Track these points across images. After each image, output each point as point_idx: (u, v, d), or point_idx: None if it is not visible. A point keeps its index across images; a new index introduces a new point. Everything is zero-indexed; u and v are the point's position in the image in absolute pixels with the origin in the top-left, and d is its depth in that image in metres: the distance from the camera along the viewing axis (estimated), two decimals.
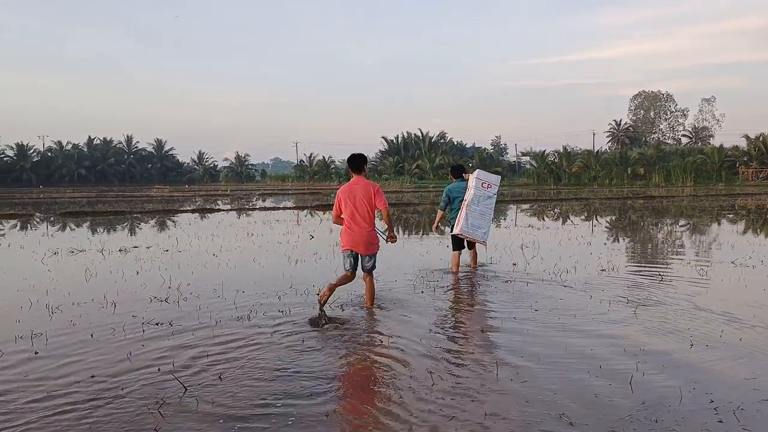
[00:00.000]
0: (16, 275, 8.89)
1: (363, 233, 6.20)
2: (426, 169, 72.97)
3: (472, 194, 8.59)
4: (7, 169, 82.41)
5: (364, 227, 6.20)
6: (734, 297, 6.86)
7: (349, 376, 4.39)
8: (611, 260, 9.68)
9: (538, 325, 5.69)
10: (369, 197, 6.19)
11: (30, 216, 22.22)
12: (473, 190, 8.61)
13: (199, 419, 3.56)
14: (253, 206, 28.70)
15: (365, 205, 6.18)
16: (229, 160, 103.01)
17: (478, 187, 8.62)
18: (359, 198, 6.18)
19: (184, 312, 6.29)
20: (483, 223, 8.57)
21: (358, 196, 6.19)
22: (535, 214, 22.43)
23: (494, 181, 8.81)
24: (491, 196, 8.68)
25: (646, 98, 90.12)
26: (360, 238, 6.21)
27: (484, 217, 8.57)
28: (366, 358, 4.80)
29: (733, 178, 58.64)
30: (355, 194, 6.20)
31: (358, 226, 6.20)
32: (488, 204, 8.63)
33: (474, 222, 8.51)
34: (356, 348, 5.06)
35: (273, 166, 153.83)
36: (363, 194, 6.19)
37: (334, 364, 4.60)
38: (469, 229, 8.53)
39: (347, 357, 4.82)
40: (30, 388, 4.09)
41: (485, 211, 8.59)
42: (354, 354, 4.90)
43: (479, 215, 8.54)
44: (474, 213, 8.52)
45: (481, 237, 8.60)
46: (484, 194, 8.60)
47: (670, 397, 3.83)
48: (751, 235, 14.21)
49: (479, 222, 8.54)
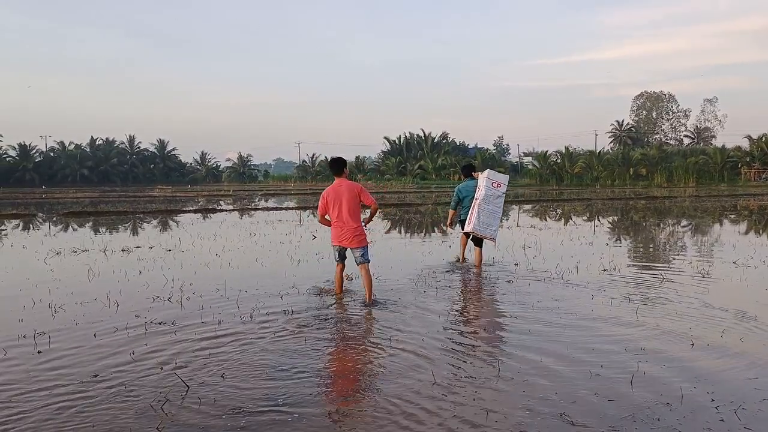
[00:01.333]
0: (19, 275, 8.92)
1: (350, 229, 6.76)
2: (428, 170, 72.94)
3: (483, 193, 8.86)
4: (10, 169, 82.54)
5: (351, 224, 6.76)
6: (736, 297, 6.86)
7: (350, 375, 4.40)
8: (613, 260, 9.68)
9: (539, 324, 5.69)
10: (355, 196, 6.79)
11: (33, 216, 22.27)
12: (484, 189, 8.88)
13: (202, 417, 3.57)
14: (256, 206, 28.73)
15: (351, 205, 6.76)
16: (232, 161, 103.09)
17: (489, 186, 8.89)
18: (345, 198, 6.75)
19: (186, 311, 6.30)
20: (493, 222, 8.90)
21: (345, 196, 6.74)
22: (537, 214, 22.42)
23: (503, 180, 9.11)
24: (501, 195, 8.98)
25: (648, 99, 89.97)
26: (347, 234, 6.77)
27: (494, 215, 8.89)
28: (367, 357, 4.81)
29: (736, 178, 58.54)
30: (341, 195, 6.75)
31: (346, 223, 6.76)
32: (498, 203, 8.95)
33: (485, 220, 8.83)
34: (357, 347, 5.07)
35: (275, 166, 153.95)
36: (349, 195, 6.76)
37: (335, 364, 4.61)
38: (481, 227, 8.85)
39: (348, 357, 4.83)
40: (33, 387, 4.11)
41: (495, 210, 8.91)
42: (354, 353, 4.91)
43: (489, 214, 8.85)
44: (485, 211, 8.83)
45: (491, 234, 8.95)
46: (494, 193, 8.90)
47: (671, 395, 3.83)
48: (753, 236, 14.20)
49: (490, 220, 8.85)
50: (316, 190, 51.58)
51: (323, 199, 6.84)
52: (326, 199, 6.81)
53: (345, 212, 6.72)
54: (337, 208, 6.76)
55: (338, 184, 6.85)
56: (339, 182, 6.87)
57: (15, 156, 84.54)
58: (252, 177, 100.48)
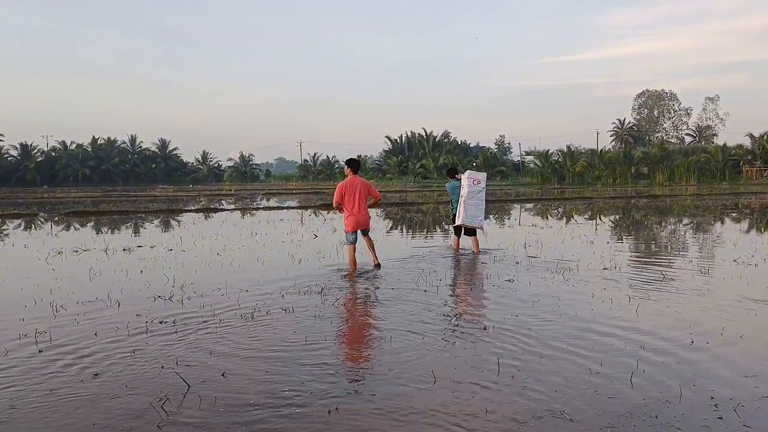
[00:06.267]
0: (21, 274, 8.94)
1: (363, 216, 8.83)
2: (430, 169, 72.90)
3: (466, 191, 10.51)
4: (12, 168, 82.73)
5: (363, 211, 8.83)
6: (736, 295, 6.86)
7: (350, 375, 4.40)
8: (614, 259, 9.69)
9: (539, 321, 5.70)
10: (366, 190, 8.90)
11: (34, 216, 22.31)
12: (467, 188, 10.52)
13: (203, 416, 3.59)
14: (257, 206, 28.75)
15: (363, 197, 8.80)
16: (233, 160, 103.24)
17: (470, 184, 10.55)
18: (359, 191, 8.77)
19: (187, 310, 6.32)
20: (479, 213, 10.59)
21: (358, 190, 8.77)
22: (539, 213, 22.41)
23: (482, 177, 10.85)
24: (481, 189, 10.66)
25: (650, 97, 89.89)
26: (360, 219, 8.82)
27: (478, 207, 10.57)
28: (366, 357, 4.82)
29: (737, 177, 58.45)
30: (355, 188, 8.76)
31: (360, 211, 8.78)
32: (480, 197, 10.63)
33: (471, 212, 10.52)
34: (358, 347, 5.09)
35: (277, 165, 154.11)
36: (362, 188, 8.83)
37: (336, 363, 4.62)
38: (468, 219, 10.53)
39: (349, 357, 4.84)
40: (33, 386, 4.13)
41: (479, 203, 10.58)
42: (355, 353, 4.92)
43: (474, 207, 10.52)
44: (470, 205, 10.50)
45: (479, 223, 10.64)
46: (475, 189, 10.56)
47: (670, 393, 3.84)
48: (755, 234, 14.19)
49: (475, 212, 10.54)
50: (317, 190, 51.63)
51: (340, 189, 8.76)
52: (342, 190, 8.75)
53: (358, 203, 8.71)
54: (352, 199, 8.70)
55: (353, 179, 8.81)
56: (353, 178, 8.82)
57: (17, 156, 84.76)
58: (254, 176, 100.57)
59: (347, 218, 8.76)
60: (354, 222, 8.71)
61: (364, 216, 8.76)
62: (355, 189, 8.69)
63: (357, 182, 8.76)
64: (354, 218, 8.69)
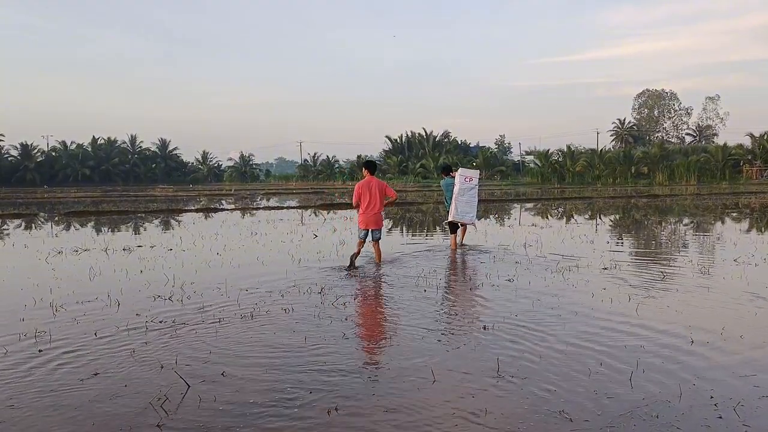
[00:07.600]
0: (21, 274, 8.94)
1: (375, 215, 9.24)
2: (430, 169, 72.85)
3: (458, 188, 10.75)
4: (12, 168, 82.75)
5: (375, 210, 9.22)
6: (736, 295, 6.86)
7: (350, 374, 4.40)
8: (613, 258, 9.68)
9: (539, 321, 5.69)
10: (382, 190, 9.31)
11: (34, 216, 22.31)
12: (458, 185, 10.76)
13: (202, 415, 3.58)
14: (257, 206, 28.75)
15: (378, 196, 9.23)
16: (234, 160, 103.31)
17: (462, 182, 10.79)
18: (374, 191, 9.22)
19: (187, 310, 6.32)
20: (470, 209, 10.81)
21: (374, 190, 9.23)
22: (539, 213, 22.41)
23: (474, 175, 11.12)
24: (473, 187, 10.88)
25: (650, 97, 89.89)
26: (372, 218, 9.23)
27: (470, 204, 10.79)
28: (366, 356, 4.82)
29: (737, 176, 58.41)
30: (371, 189, 9.23)
31: (373, 210, 9.21)
32: (472, 194, 10.85)
33: (462, 209, 10.75)
34: (358, 347, 5.09)
35: (277, 165, 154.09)
36: (378, 189, 9.27)
37: (335, 363, 4.62)
38: (459, 215, 10.79)
39: (349, 357, 4.84)
40: (33, 386, 4.12)
41: (470, 200, 10.81)
42: (355, 353, 4.92)
43: (465, 203, 10.75)
44: (462, 202, 10.74)
45: (470, 220, 10.95)
46: (467, 186, 10.79)
47: (670, 393, 3.84)
48: (755, 234, 14.18)
49: (467, 209, 10.77)
50: (317, 190, 51.63)
51: (357, 189, 9.26)
52: (360, 190, 9.25)
53: (372, 203, 9.16)
54: (367, 198, 9.17)
55: (369, 179, 9.28)
56: (369, 179, 9.29)
57: (17, 156, 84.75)
58: (254, 176, 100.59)
59: (360, 216, 9.33)
60: (365, 220, 9.22)
61: (375, 215, 9.21)
62: (371, 189, 9.18)
63: (373, 183, 9.25)
64: (365, 217, 9.21)
